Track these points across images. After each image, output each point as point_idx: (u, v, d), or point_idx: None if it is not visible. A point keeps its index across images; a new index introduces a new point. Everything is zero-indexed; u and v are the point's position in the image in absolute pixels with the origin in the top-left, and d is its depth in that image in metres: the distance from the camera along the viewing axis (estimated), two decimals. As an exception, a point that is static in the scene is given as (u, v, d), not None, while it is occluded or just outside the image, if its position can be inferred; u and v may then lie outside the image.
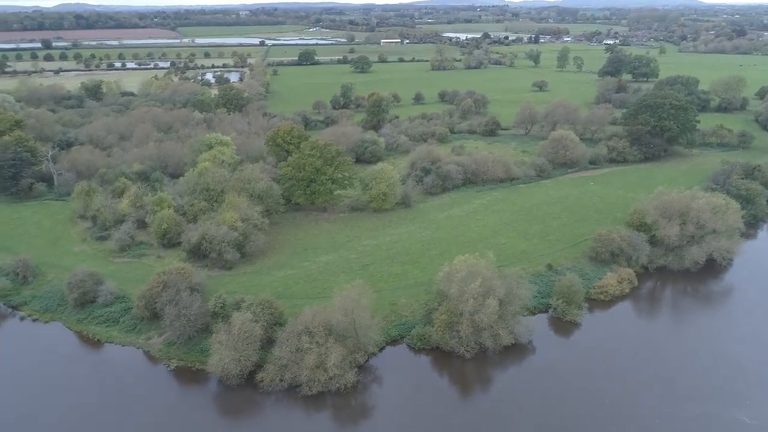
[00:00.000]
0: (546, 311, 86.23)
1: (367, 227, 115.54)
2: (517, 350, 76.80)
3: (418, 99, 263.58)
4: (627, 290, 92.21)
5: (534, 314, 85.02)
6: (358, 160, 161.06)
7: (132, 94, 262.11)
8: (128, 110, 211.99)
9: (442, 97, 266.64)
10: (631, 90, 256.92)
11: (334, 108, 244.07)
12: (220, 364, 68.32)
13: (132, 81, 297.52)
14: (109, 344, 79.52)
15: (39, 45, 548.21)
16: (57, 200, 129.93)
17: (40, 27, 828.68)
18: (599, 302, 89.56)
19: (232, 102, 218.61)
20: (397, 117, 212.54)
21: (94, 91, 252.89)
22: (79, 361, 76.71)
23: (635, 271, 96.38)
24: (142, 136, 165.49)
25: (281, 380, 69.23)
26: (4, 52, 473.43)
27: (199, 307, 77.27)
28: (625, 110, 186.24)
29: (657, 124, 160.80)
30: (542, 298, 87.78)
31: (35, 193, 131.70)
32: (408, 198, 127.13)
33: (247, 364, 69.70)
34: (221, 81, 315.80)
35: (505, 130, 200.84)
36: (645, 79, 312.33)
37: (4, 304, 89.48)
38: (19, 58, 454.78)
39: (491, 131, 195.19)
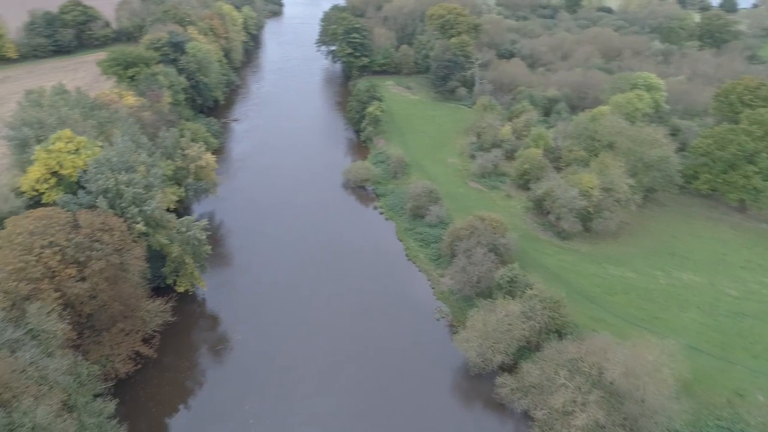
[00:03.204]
0: None
1: (789, 259, 77.16)
2: None
3: None
4: None
5: None
6: None
7: (609, 10, 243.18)
8: (592, 27, 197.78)
9: None
10: None
11: None
12: (464, 345, 59.74)
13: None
14: (408, 262, 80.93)
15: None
16: (469, 107, 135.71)
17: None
18: None
19: (713, 35, 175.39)
20: None
21: (574, 2, 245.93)
22: (385, 269, 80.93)
23: None
24: (580, 59, 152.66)
25: (519, 399, 55.94)
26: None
27: (488, 270, 68.31)
28: None
29: None
30: None
31: (456, 96, 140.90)
32: None
33: (493, 360, 58.70)
34: (728, 6, 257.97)
35: None
36: None
37: (373, 190, 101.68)
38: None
39: None
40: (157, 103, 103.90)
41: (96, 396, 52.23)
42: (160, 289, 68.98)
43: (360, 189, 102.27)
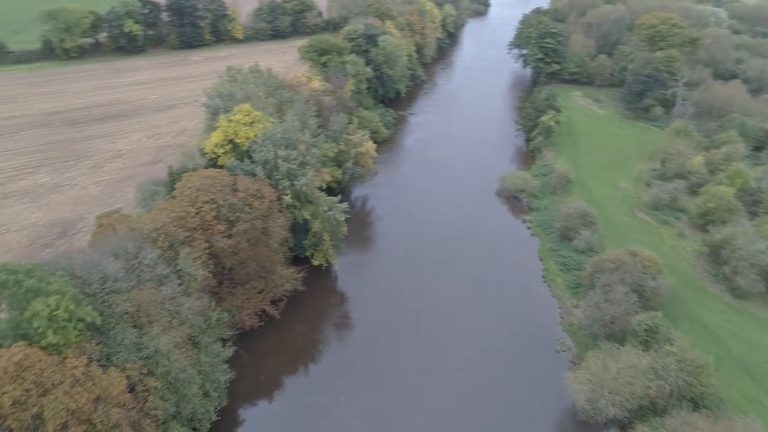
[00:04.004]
0: None
1: None
2: None
3: None
4: None
5: None
6: None
7: None
8: None
9: None
10: None
11: None
12: (575, 385, 54.16)
13: None
14: (542, 284, 75.72)
15: None
16: (662, 130, 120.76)
17: None
18: None
19: None
20: None
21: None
22: (516, 286, 77.16)
23: None
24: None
25: (625, 465, 49.25)
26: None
27: (625, 311, 60.73)
28: None
29: None
30: None
31: (650, 116, 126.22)
32: None
33: (604, 411, 52.25)
34: None
35: None
36: None
37: (527, 203, 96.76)
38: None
39: None
40: (340, 90, 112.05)
41: (220, 339, 59.09)
42: (298, 259, 74.88)
43: (513, 199, 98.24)
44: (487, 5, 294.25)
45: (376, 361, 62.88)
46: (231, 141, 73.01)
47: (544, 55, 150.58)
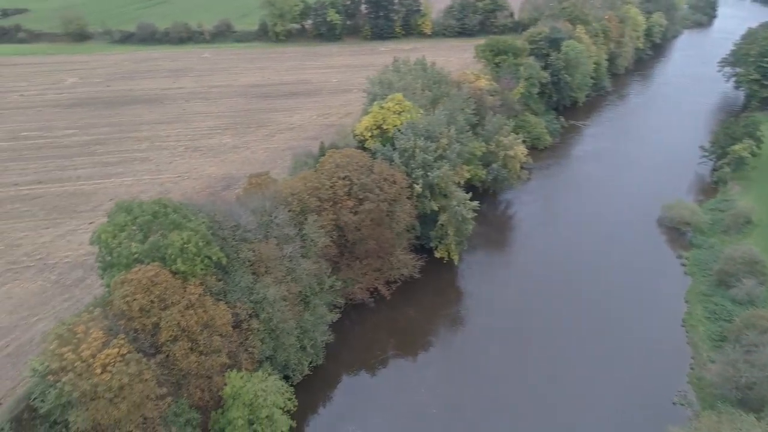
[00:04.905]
0: None
1: None
2: None
3: None
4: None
5: None
6: None
7: None
8: None
9: None
10: None
11: None
12: (676, 443, 47.94)
13: None
14: (680, 328, 67.03)
15: None
16: None
17: None
18: None
19: None
20: None
21: None
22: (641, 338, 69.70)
23: None
24: None
25: None
26: None
27: (761, 379, 51.48)
28: None
29: None
30: None
31: None
32: None
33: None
34: None
35: None
36: None
37: (690, 238, 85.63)
38: None
39: None
40: (507, 91, 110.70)
41: (331, 305, 64.15)
42: (423, 248, 77.05)
43: (675, 231, 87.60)
44: (713, 16, 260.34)
45: (473, 361, 62.54)
46: (379, 126, 77.45)
47: (761, 76, 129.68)
